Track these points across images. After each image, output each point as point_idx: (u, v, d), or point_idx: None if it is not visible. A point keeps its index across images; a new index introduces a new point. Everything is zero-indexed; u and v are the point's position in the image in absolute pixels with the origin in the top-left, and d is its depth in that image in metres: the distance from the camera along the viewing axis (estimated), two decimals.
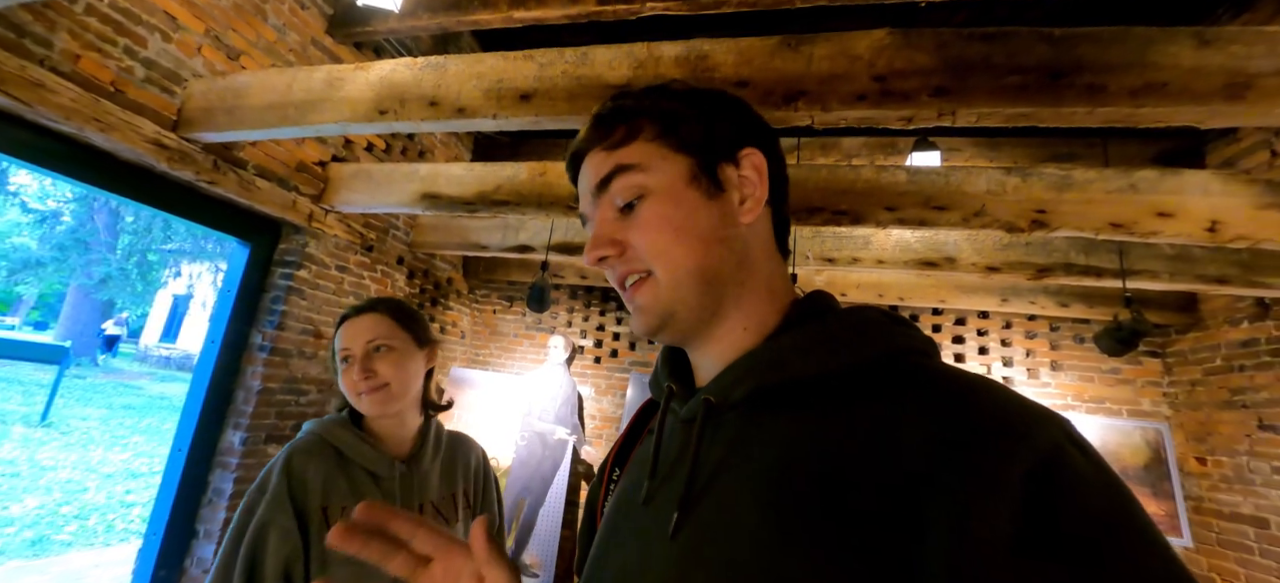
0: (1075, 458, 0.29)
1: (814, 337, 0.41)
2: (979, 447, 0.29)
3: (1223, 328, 2.96)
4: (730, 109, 0.48)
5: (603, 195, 0.46)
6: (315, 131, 2.03)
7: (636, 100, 0.47)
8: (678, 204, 0.44)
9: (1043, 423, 0.30)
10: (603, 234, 0.46)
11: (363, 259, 3.17)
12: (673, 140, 0.45)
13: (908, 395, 0.34)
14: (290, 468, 0.88)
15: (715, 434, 0.41)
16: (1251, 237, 1.90)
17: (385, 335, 0.97)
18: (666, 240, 0.43)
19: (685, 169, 0.45)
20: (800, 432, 0.37)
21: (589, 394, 4.16)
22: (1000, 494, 0.27)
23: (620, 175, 0.45)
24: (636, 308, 0.45)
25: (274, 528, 0.83)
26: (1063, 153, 3.30)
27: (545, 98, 1.74)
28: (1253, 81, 1.24)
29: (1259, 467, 2.69)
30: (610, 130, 0.46)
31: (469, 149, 4.17)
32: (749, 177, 0.46)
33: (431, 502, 0.97)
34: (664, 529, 0.39)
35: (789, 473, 0.35)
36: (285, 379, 2.71)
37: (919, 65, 1.42)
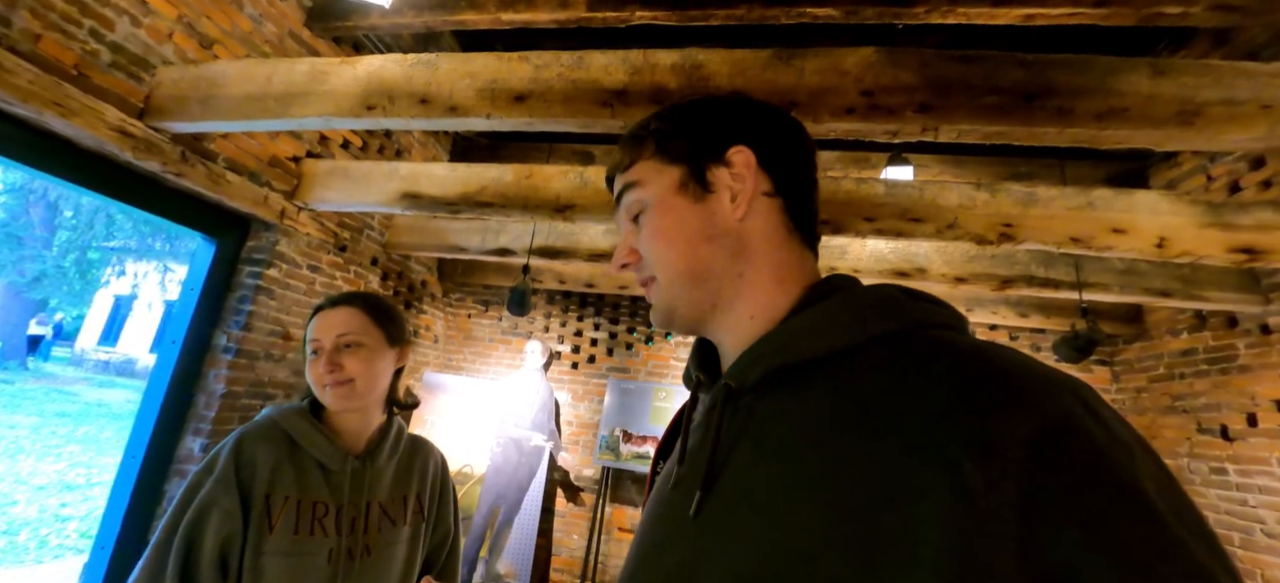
0: (1087, 424, 0.28)
1: (824, 316, 0.42)
2: (987, 413, 0.29)
3: (1165, 338, 3.18)
4: (717, 114, 0.51)
5: (620, 211, 0.53)
6: (296, 125, 1.97)
7: (642, 126, 0.53)
8: (666, 212, 0.49)
9: (1054, 387, 0.30)
10: (624, 244, 0.53)
11: (336, 259, 3.08)
12: (665, 155, 0.50)
13: (918, 363, 0.35)
14: (240, 451, 0.88)
15: (734, 416, 0.43)
16: (1194, 253, 2.07)
17: (356, 331, 0.97)
18: (660, 246, 0.49)
19: (675, 178, 0.49)
20: (809, 406, 0.38)
21: (566, 400, 4.13)
22: (1006, 460, 0.27)
23: (627, 192, 0.52)
24: (651, 307, 0.52)
25: (216, 509, 0.83)
26: (1023, 172, 3.50)
27: (540, 100, 1.74)
28: (1202, 110, 1.36)
29: (1198, 467, 2.89)
30: (623, 155, 0.53)
31: (447, 149, 4.11)
32: (739, 173, 0.48)
33: (379, 502, 0.97)
34: (687, 510, 0.40)
35: (798, 447, 0.36)
36: (251, 383, 2.59)
37: (904, 83, 1.50)
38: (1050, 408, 0.29)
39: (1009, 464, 0.27)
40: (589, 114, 1.70)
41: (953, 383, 0.32)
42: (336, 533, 0.91)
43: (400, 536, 0.99)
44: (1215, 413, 2.82)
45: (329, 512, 0.91)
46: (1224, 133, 1.34)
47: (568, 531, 3.89)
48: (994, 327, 3.78)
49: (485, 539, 3.44)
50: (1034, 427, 0.28)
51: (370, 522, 0.95)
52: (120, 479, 2.37)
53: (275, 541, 0.85)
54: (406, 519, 1.01)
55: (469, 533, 3.41)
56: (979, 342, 0.36)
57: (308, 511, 0.89)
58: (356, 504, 0.94)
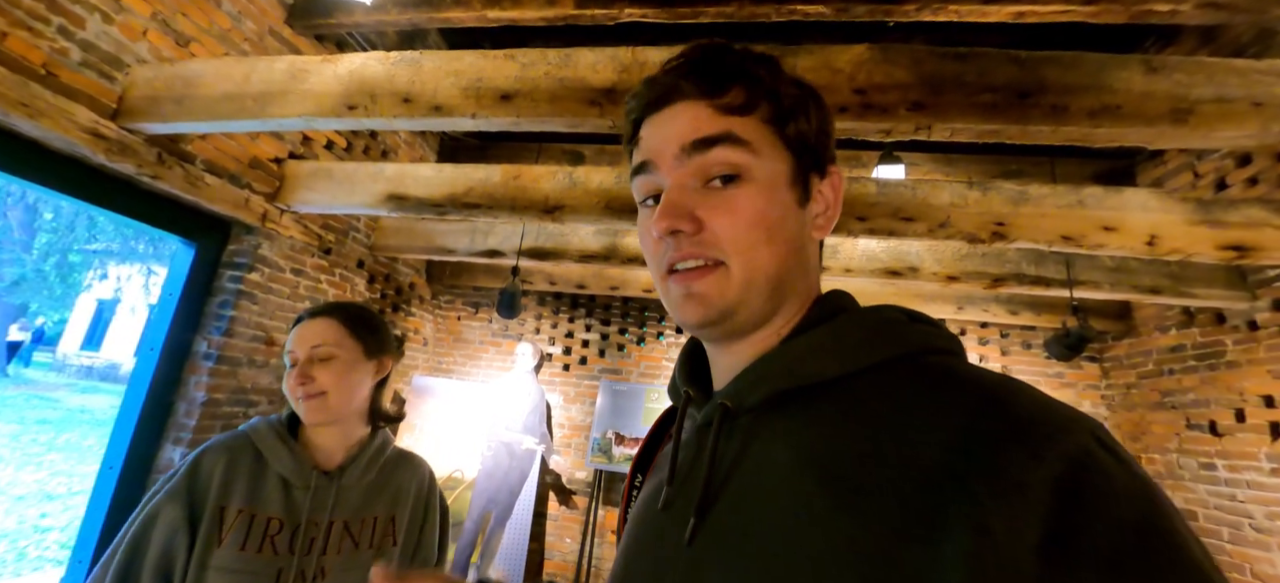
0: (1106, 462, 0.28)
1: (827, 339, 0.39)
2: (1005, 449, 0.28)
3: (1154, 335, 3.20)
4: (829, 116, 0.46)
5: (695, 157, 0.40)
6: (276, 125, 1.92)
7: (757, 65, 0.42)
8: (775, 201, 0.41)
9: (1072, 426, 0.29)
10: (682, 203, 0.40)
11: (320, 262, 3.02)
12: (788, 131, 0.42)
13: (928, 394, 0.33)
14: (198, 463, 0.87)
15: (730, 438, 0.40)
16: (1184, 250, 2.07)
17: (331, 343, 0.94)
18: (759, 237, 0.40)
19: (789, 167, 0.42)
20: (815, 434, 0.36)
21: (558, 402, 4.09)
22: (1026, 499, 0.26)
23: (728, 146, 0.40)
24: (691, 295, 0.40)
25: (161, 519, 0.82)
26: (1013, 169, 3.50)
27: (527, 99, 1.70)
28: (1194, 107, 1.35)
29: (1187, 463, 2.91)
30: (724, 86, 0.40)
31: (434, 150, 4.05)
32: (827, 195, 0.45)
33: (344, 521, 0.92)
34: (681, 536, 0.38)
35: (803, 476, 0.34)
36: (233, 390, 2.53)
37: (897, 80, 1.48)
38: (1070, 446, 0.28)
39: (1030, 504, 0.26)
40: (576, 113, 1.67)
41: (970, 418, 0.30)
42: (289, 553, 0.86)
43: (361, 560, 0.92)
44: (1204, 409, 2.84)
45: (283, 529, 0.87)
46: (1217, 130, 1.33)
47: (560, 534, 3.85)
48: (985, 325, 3.79)
49: (477, 545, 3.40)
50: (1054, 466, 0.27)
51: (329, 542, 0.90)
52: (98, 489, 2.30)
53: (221, 555, 0.82)
54: (372, 543, 0.95)
55: (460, 539, 3.36)
56: (982, 371, 0.34)
57: (259, 527, 0.86)
58: (316, 523, 0.90)
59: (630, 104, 0.44)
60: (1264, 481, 2.52)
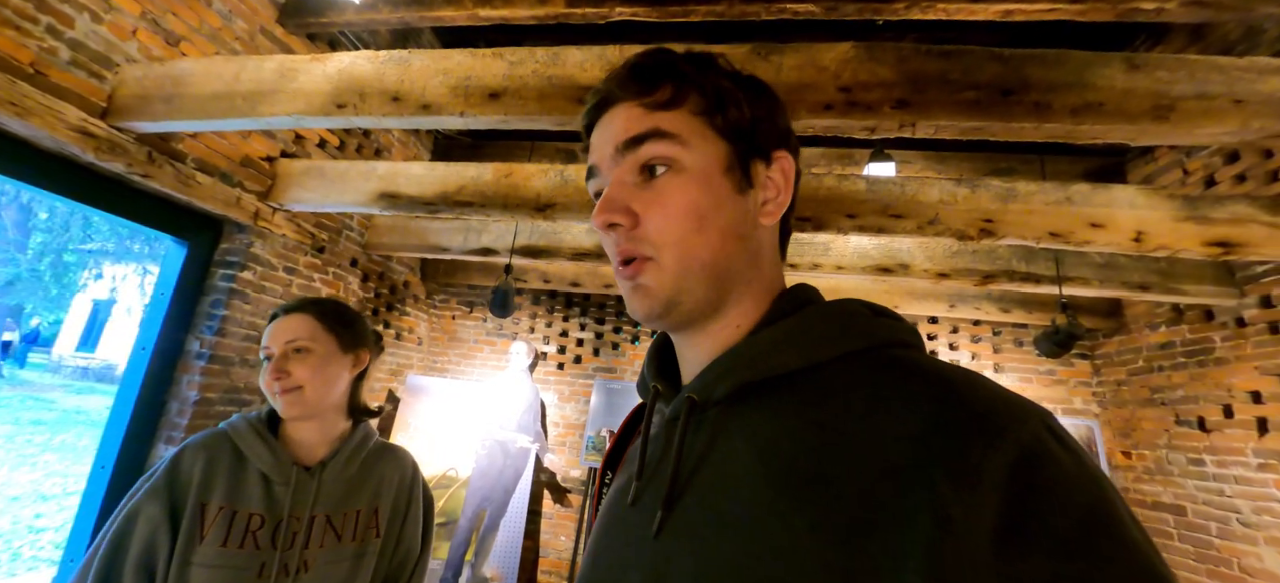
0: (1056, 450, 0.29)
1: (792, 331, 0.40)
2: (962, 438, 0.29)
3: (1144, 331, 3.22)
4: (773, 105, 0.46)
5: (628, 155, 0.42)
6: (265, 124, 1.92)
7: (685, 63, 0.44)
8: (707, 190, 0.42)
9: (1025, 415, 0.30)
10: (618, 198, 0.42)
11: (313, 261, 3.02)
12: (717, 120, 0.43)
13: (889, 386, 0.34)
14: (178, 461, 0.88)
15: (698, 431, 0.41)
16: (1171, 247, 2.08)
17: (306, 337, 0.95)
18: (687, 227, 0.41)
19: (723, 155, 0.43)
20: (780, 425, 0.36)
21: (552, 401, 4.10)
22: (982, 487, 0.27)
23: (655, 141, 0.42)
24: (637, 287, 0.42)
25: (143, 517, 0.83)
26: (1003, 168, 3.52)
27: (515, 97, 1.71)
28: (1176, 104, 1.36)
29: (1176, 458, 2.93)
30: (653, 86, 0.43)
31: (428, 149, 4.05)
32: (776, 179, 0.45)
33: (326, 515, 0.94)
34: (648, 529, 0.39)
35: (768, 466, 0.35)
36: (226, 389, 2.54)
37: (882, 78, 1.48)
38: (1023, 435, 0.29)
39: (986, 493, 0.27)
40: (565, 112, 1.67)
41: (929, 409, 0.31)
42: (271, 547, 0.88)
43: (345, 553, 0.94)
44: (1193, 405, 2.86)
45: (264, 524, 0.88)
46: (1198, 127, 1.34)
47: (555, 532, 3.86)
48: (977, 322, 3.81)
49: (471, 543, 3.40)
50: (1008, 454, 0.28)
51: (312, 536, 0.91)
52: (91, 489, 2.30)
53: (203, 552, 0.84)
54: (355, 536, 0.96)
55: (454, 537, 3.37)
56: (941, 363, 0.35)
57: (241, 522, 0.87)
58: (298, 517, 0.91)
59: (583, 116, 0.47)
60: (1251, 475, 2.54)
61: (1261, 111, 1.31)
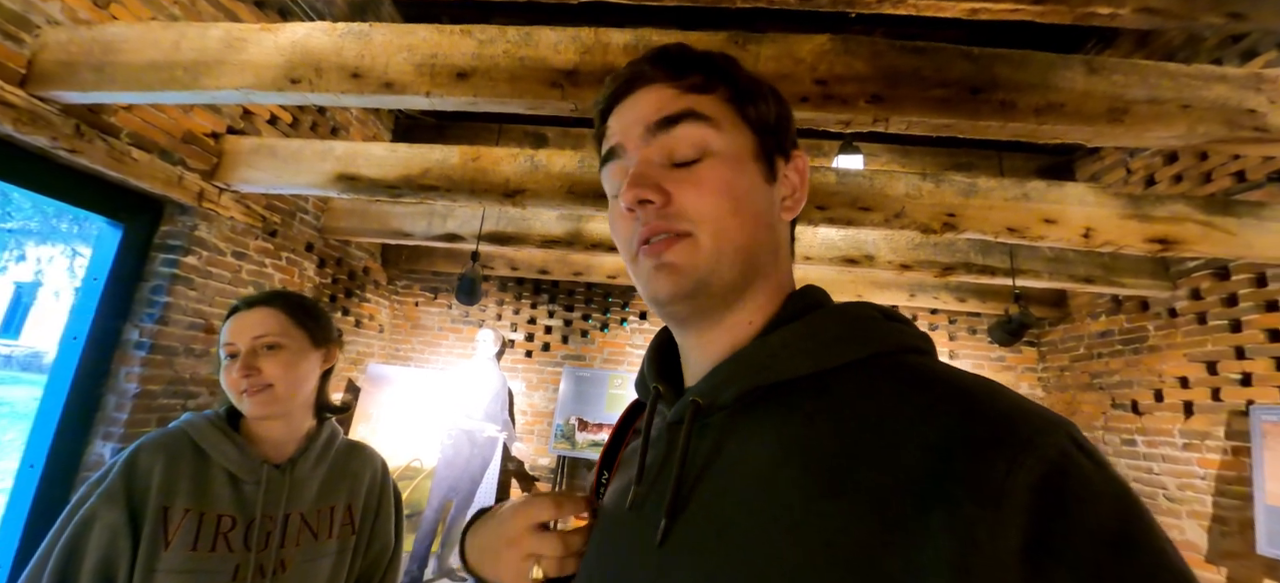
0: (1083, 465, 0.28)
1: (802, 335, 0.39)
2: (985, 453, 0.28)
3: (1085, 321, 3.42)
4: (788, 110, 0.47)
5: (660, 135, 0.41)
6: (210, 98, 1.78)
7: (713, 57, 0.43)
8: (742, 173, 0.41)
9: (1049, 429, 0.29)
10: (649, 175, 0.40)
11: (265, 245, 2.85)
12: (747, 111, 0.43)
13: (904, 395, 0.33)
14: (134, 462, 0.83)
15: (702, 436, 0.40)
16: (1116, 242, 2.20)
17: (276, 332, 0.91)
18: (725, 206, 0.40)
19: (752, 144, 0.43)
20: (790, 433, 0.35)
21: (520, 389, 4.04)
22: (1008, 505, 0.26)
23: (690, 122, 0.41)
24: (664, 265, 0.40)
25: (98, 523, 0.78)
26: (964, 162, 3.64)
27: (485, 78, 1.64)
28: (1130, 107, 1.42)
29: (1111, 439, 3.14)
30: (685, 71, 0.42)
31: (389, 128, 3.88)
32: (792, 178, 0.46)
33: (300, 513, 0.91)
34: (652, 537, 0.37)
35: (778, 477, 0.34)
36: (169, 380, 2.38)
37: (857, 72, 1.49)
38: (1049, 450, 0.28)
39: (1012, 510, 0.26)
40: (537, 95, 1.62)
41: (949, 421, 0.30)
42: (245, 548, 0.84)
43: (324, 550, 0.92)
44: (1127, 389, 3.06)
45: (236, 526, 0.84)
46: (1149, 130, 1.40)
47: None
48: (935, 311, 3.96)
49: (438, 533, 3.34)
50: (1034, 470, 0.27)
51: (288, 536, 0.89)
52: (18, 489, 2.13)
53: (170, 557, 0.79)
54: (332, 533, 0.94)
55: (420, 529, 3.29)
56: (957, 371, 0.35)
57: (210, 525, 0.83)
58: (272, 517, 0.88)
59: (598, 98, 0.46)
60: (1177, 454, 2.75)
61: (1207, 117, 1.38)
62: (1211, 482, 2.58)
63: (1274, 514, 2.20)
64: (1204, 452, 2.63)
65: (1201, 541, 2.58)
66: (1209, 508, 2.57)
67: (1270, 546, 2.16)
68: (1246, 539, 2.34)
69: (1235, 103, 1.40)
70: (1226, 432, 2.53)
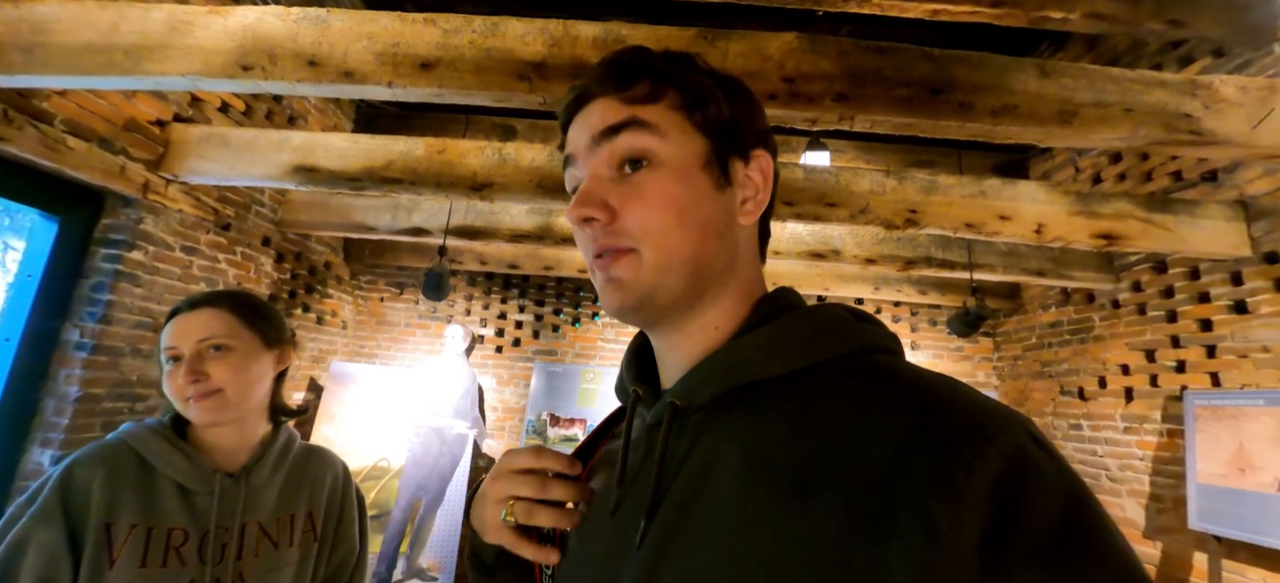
0: (1040, 459, 0.29)
1: (776, 336, 0.40)
2: (947, 449, 0.29)
3: (1037, 312, 3.58)
4: (751, 103, 0.46)
5: (604, 145, 0.42)
6: (154, 84, 1.68)
7: (662, 61, 0.44)
8: (687, 184, 0.41)
9: (1008, 426, 0.30)
10: (594, 192, 0.41)
11: (217, 239, 2.72)
12: (696, 116, 0.42)
13: (872, 394, 0.35)
14: (70, 478, 0.78)
15: (680, 438, 0.41)
16: (1065, 237, 2.31)
17: (223, 334, 0.86)
18: (667, 219, 0.40)
19: (701, 150, 0.42)
20: (765, 432, 0.36)
21: (490, 386, 3.99)
22: (968, 498, 0.28)
23: (632, 130, 0.41)
24: (611, 280, 0.42)
25: (32, 545, 0.73)
26: (924, 159, 3.75)
27: (450, 68, 1.60)
28: (1078, 110, 1.49)
29: (1059, 424, 3.31)
30: (631, 81, 0.42)
31: (350, 118, 3.75)
32: (755, 178, 0.45)
33: (259, 522, 0.88)
34: (631, 539, 0.38)
35: (752, 476, 0.34)
36: (114, 383, 2.25)
37: (823, 71, 1.52)
38: (1007, 445, 0.29)
39: (972, 502, 0.28)
40: (504, 87, 1.59)
41: (913, 418, 0.32)
42: (200, 562, 0.81)
43: (285, 559, 0.89)
44: (1074, 377, 3.23)
45: (188, 539, 0.81)
46: (1096, 132, 1.47)
47: None
48: (898, 303, 4.08)
49: (406, 534, 3.28)
50: (993, 466, 0.28)
51: (245, 547, 0.85)
52: None
53: (116, 576, 0.75)
54: (293, 541, 0.91)
55: (388, 529, 3.22)
56: (923, 371, 0.36)
57: (160, 539, 0.79)
58: (227, 528, 0.84)
59: (559, 111, 0.47)
60: (1118, 437, 2.92)
61: (1148, 120, 1.46)
62: (1149, 462, 2.75)
63: (1204, 492, 2.36)
64: (1142, 435, 2.80)
65: (1139, 517, 2.75)
66: (1146, 487, 2.74)
67: (1201, 521, 2.32)
68: (1180, 515, 2.50)
69: (1173, 107, 1.48)
70: (1162, 415, 2.70)
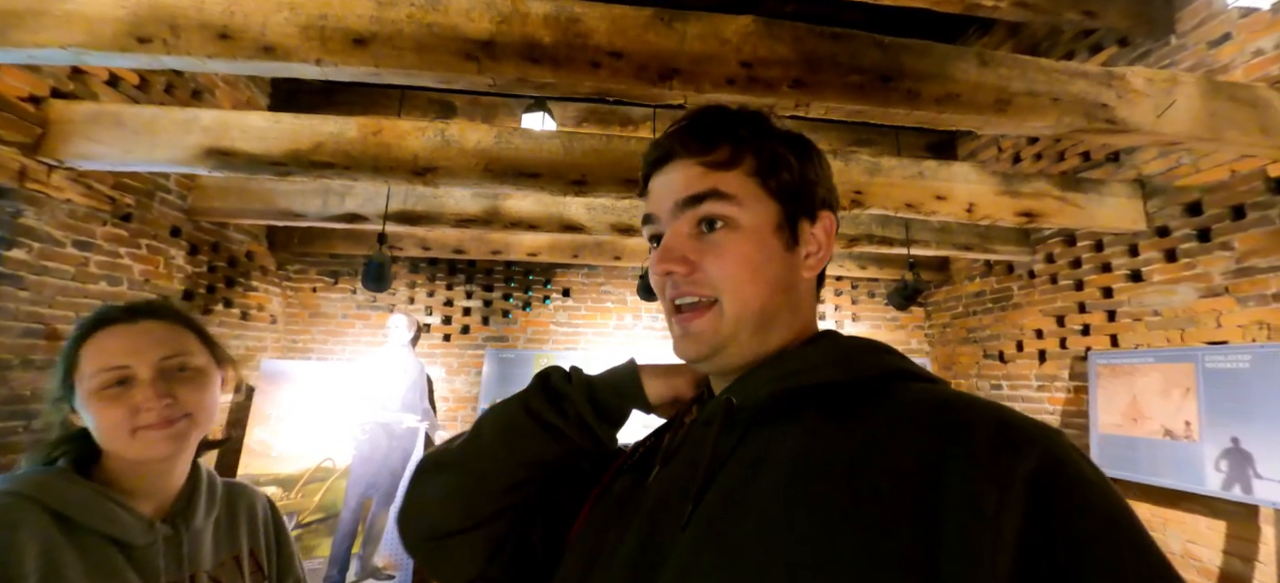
0: (1077, 461, 0.32)
1: (829, 349, 0.45)
2: (989, 456, 0.32)
3: (964, 283, 3.85)
4: (821, 167, 0.50)
5: (687, 211, 0.46)
6: (27, 57, 1.45)
7: (742, 125, 0.47)
8: (760, 246, 0.46)
9: (1043, 433, 0.33)
10: (676, 248, 0.46)
11: (117, 231, 2.42)
12: (770, 183, 0.46)
13: (919, 408, 0.37)
14: None
15: (730, 432, 0.44)
16: (992, 216, 2.48)
17: (189, 352, 0.76)
18: (744, 277, 0.45)
19: (774, 216, 0.46)
20: (816, 434, 0.39)
21: (440, 375, 3.84)
22: (1008, 496, 0.30)
23: (714, 201, 0.45)
24: (689, 333, 0.46)
25: None
26: (865, 138, 3.89)
27: (387, 45, 1.47)
28: (1012, 99, 1.58)
29: (982, 384, 3.61)
30: (712, 145, 0.46)
31: (265, 93, 3.41)
32: (819, 236, 0.49)
33: (207, 572, 0.78)
34: (677, 520, 0.40)
35: (806, 470, 0.37)
36: (4, 400, 1.98)
37: (780, 56, 1.52)
38: (1043, 448, 0.32)
39: (1013, 497, 0.30)
40: (450, 68, 1.48)
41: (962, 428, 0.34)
42: None
43: None
44: (996, 342, 3.51)
45: None
46: (1027, 120, 1.57)
47: None
48: (840, 277, 4.26)
49: (358, 534, 3.14)
50: (1033, 463, 0.31)
51: None
52: None
53: None
54: (246, 582, 0.83)
55: (337, 531, 3.07)
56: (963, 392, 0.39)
57: None
58: (178, 581, 0.74)
59: (642, 163, 0.51)
60: (1033, 396, 3.22)
61: (1072, 109, 1.57)
62: (1058, 416, 3.06)
63: (1105, 440, 2.65)
64: (1053, 391, 3.10)
65: None
66: None
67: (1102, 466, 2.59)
68: None
69: (1093, 97, 1.60)
70: (1070, 374, 2.99)
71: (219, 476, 0.89)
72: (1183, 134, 1.71)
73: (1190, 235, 2.41)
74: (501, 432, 0.55)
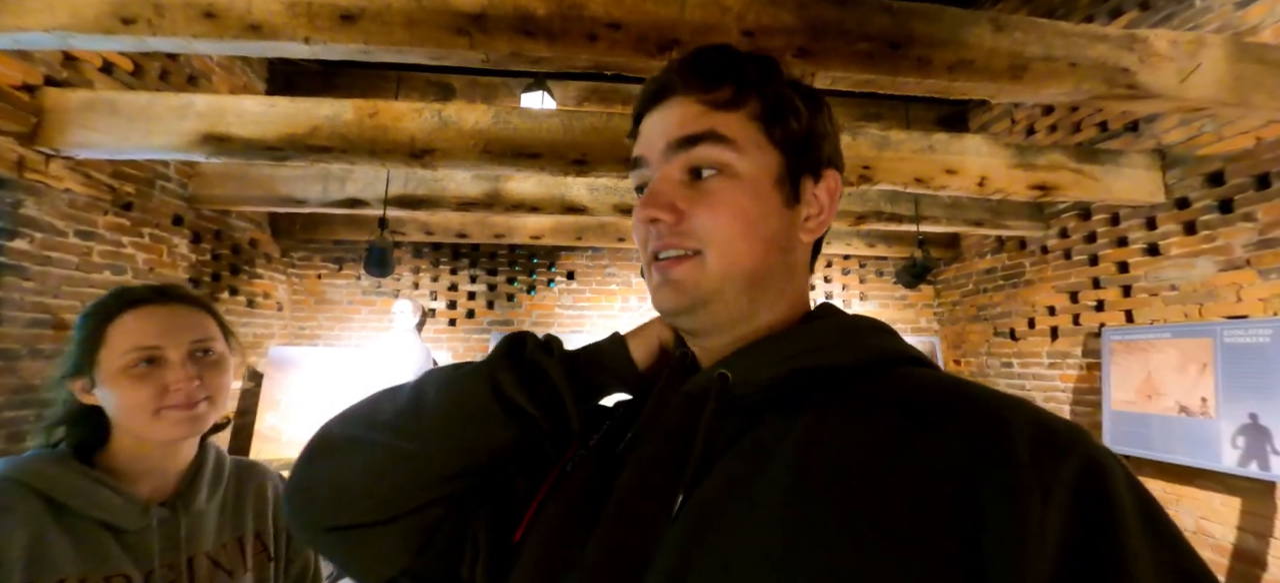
0: (1111, 464, 0.30)
1: (834, 329, 0.41)
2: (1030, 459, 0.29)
3: (974, 260, 3.78)
4: (831, 123, 0.46)
5: (680, 154, 0.41)
6: (11, 41, 1.42)
7: (750, 65, 0.42)
8: (757, 199, 0.41)
9: (1079, 434, 0.31)
10: (664, 193, 0.41)
11: (118, 220, 2.42)
12: (774, 130, 0.41)
13: (933, 401, 0.34)
14: None
15: (726, 416, 0.39)
16: (1005, 190, 2.41)
17: (212, 336, 0.79)
18: (734, 229, 0.40)
19: (775, 167, 0.42)
20: (828, 424, 0.35)
21: (446, 359, 3.85)
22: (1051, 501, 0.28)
23: (710, 143, 0.41)
24: (668, 280, 0.41)
25: None
26: (873, 112, 3.80)
27: (376, 22, 1.43)
28: (1028, 65, 1.51)
29: (992, 363, 3.56)
30: (715, 82, 0.41)
31: (262, 77, 3.37)
32: (821, 197, 0.44)
33: (206, 553, 0.79)
34: (663, 509, 0.36)
35: (821, 466, 0.33)
36: (14, 390, 1.99)
37: (784, 23, 1.46)
38: (1082, 450, 0.30)
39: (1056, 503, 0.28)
40: (441, 43, 1.44)
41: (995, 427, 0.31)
42: None
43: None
44: (1007, 319, 3.45)
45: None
46: (1045, 87, 1.50)
47: None
48: (847, 256, 4.20)
49: None
50: (1075, 466, 0.29)
51: (197, 581, 0.76)
52: None
53: None
54: (247, 565, 0.82)
55: None
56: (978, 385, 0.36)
57: None
58: (174, 565, 0.74)
59: (637, 100, 0.46)
60: (1044, 373, 3.17)
61: (1091, 74, 1.50)
62: (1070, 393, 3.01)
63: (1117, 416, 2.61)
64: (1065, 369, 3.05)
65: None
66: (1067, 415, 3.01)
67: (1113, 443, 2.57)
68: None
69: (1113, 62, 1.53)
70: (1083, 351, 2.94)
71: (229, 455, 0.90)
72: (1207, 99, 1.63)
73: (1211, 206, 2.33)
74: (452, 411, 0.44)
